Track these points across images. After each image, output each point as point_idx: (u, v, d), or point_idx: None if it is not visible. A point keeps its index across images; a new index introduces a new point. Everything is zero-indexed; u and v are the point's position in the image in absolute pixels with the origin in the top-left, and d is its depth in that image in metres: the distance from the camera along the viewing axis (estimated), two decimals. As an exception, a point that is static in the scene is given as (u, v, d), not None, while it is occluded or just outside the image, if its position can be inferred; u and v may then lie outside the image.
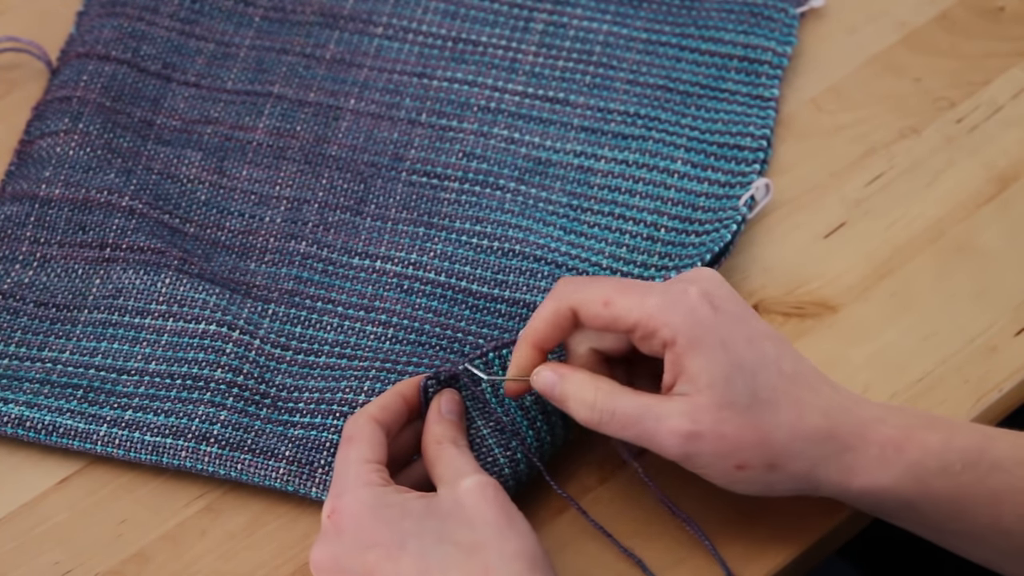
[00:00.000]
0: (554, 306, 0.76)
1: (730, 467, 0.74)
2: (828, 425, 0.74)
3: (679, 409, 0.73)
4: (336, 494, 0.74)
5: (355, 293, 0.87)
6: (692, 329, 0.74)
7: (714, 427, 0.73)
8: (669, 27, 0.97)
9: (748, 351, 0.74)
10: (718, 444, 0.73)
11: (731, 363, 0.73)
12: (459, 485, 0.73)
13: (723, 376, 0.73)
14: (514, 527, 0.72)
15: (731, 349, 0.74)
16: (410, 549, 0.71)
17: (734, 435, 0.73)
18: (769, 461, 0.74)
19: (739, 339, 0.74)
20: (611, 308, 0.75)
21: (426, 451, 0.77)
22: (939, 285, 0.87)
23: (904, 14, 0.98)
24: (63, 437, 0.81)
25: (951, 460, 0.74)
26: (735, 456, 0.73)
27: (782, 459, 0.74)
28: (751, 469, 0.74)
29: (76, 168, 0.90)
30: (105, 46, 0.95)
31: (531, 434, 0.79)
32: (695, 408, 0.73)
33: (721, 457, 0.73)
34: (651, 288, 0.75)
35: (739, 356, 0.74)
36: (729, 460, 0.73)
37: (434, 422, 0.77)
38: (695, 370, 0.73)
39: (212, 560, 0.79)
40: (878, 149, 0.93)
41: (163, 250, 0.87)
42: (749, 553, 0.79)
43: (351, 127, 0.93)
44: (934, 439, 0.74)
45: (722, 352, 0.73)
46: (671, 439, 0.73)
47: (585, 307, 0.75)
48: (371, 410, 0.77)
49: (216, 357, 0.83)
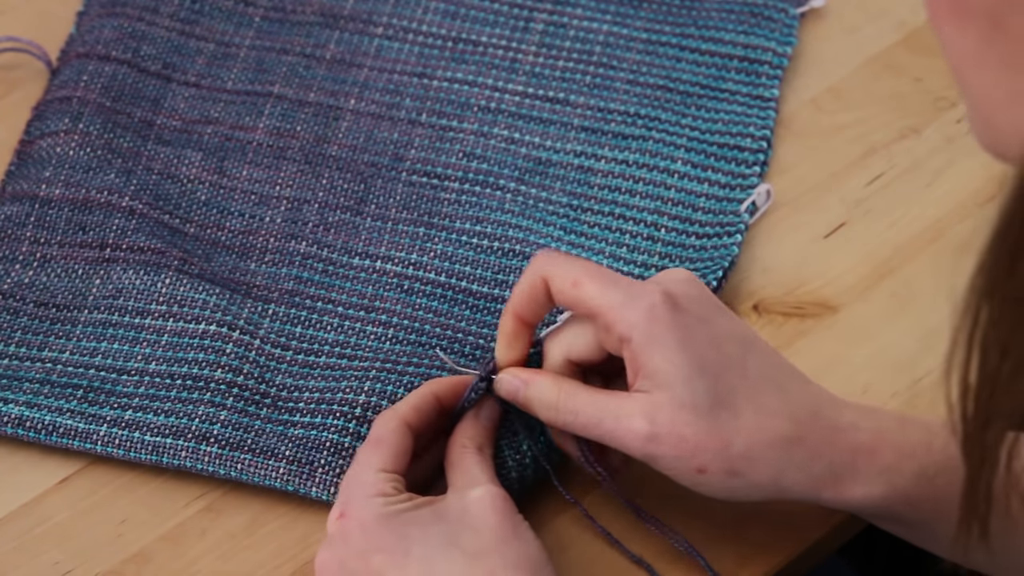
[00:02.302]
0: (530, 278, 0.76)
1: (691, 470, 0.73)
2: (795, 431, 0.73)
3: (638, 408, 0.72)
4: (345, 499, 0.74)
5: (355, 293, 0.87)
6: (649, 327, 0.72)
7: (672, 429, 0.72)
8: (669, 27, 0.97)
9: (709, 352, 0.73)
10: (677, 446, 0.72)
11: (690, 364, 0.72)
12: (468, 494, 0.73)
13: (681, 377, 0.72)
14: (519, 536, 0.72)
15: (690, 350, 0.72)
16: (415, 554, 0.71)
17: (693, 438, 0.72)
18: (729, 467, 0.72)
19: (700, 340, 0.73)
20: (577, 289, 0.74)
21: (450, 451, 0.77)
22: (939, 285, 0.87)
23: (904, 14, 0.98)
24: (63, 437, 0.81)
25: (926, 465, 0.73)
26: (695, 459, 0.72)
27: (743, 466, 0.72)
28: (712, 474, 0.72)
29: (76, 168, 0.90)
30: (105, 46, 0.95)
31: (543, 440, 0.79)
32: (653, 407, 0.72)
33: (681, 460, 0.72)
34: (619, 282, 0.74)
35: (699, 357, 0.72)
36: (689, 463, 0.72)
37: (468, 424, 0.77)
38: (652, 368, 0.72)
39: (212, 560, 0.79)
40: (878, 149, 0.93)
41: (163, 250, 0.87)
42: (748, 553, 0.79)
43: (351, 127, 0.93)
44: (908, 444, 0.73)
45: (680, 352, 0.72)
46: (631, 439, 0.73)
47: (555, 282, 0.75)
48: (404, 412, 0.76)
49: (216, 357, 0.83)
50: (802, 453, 0.73)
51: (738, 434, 0.72)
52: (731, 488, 0.73)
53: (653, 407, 0.72)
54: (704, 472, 0.72)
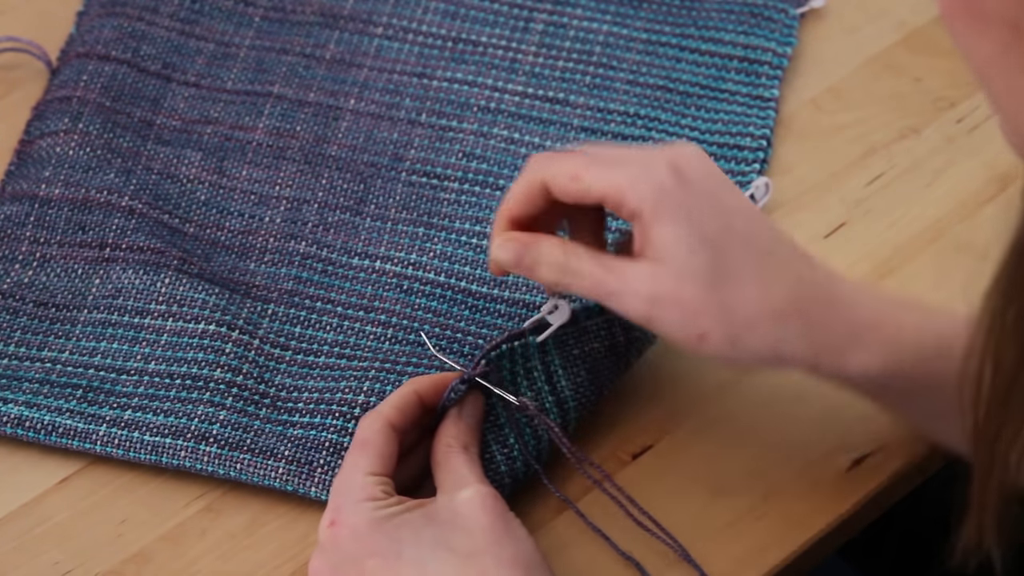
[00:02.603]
0: (526, 181, 0.76)
1: (692, 336, 0.73)
2: (797, 303, 0.73)
3: (643, 272, 0.73)
4: (336, 506, 0.74)
5: (355, 293, 0.87)
6: (657, 200, 0.73)
7: (675, 293, 0.72)
8: (669, 27, 0.97)
9: (714, 224, 0.74)
10: (678, 310, 0.73)
11: (695, 235, 0.73)
12: (458, 495, 0.73)
13: (687, 247, 0.73)
14: (511, 534, 0.72)
15: (696, 221, 0.73)
16: (407, 557, 0.71)
17: (693, 303, 0.72)
18: (730, 333, 0.73)
19: (706, 212, 0.74)
20: (579, 182, 0.75)
21: (435, 451, 0.77)
22: (939, 285, 0.87)
23: (904, 14, 0.98)
24: (63, 437, 0.81)
25: (925, 345, 0.74)
26: (695, 325, 0.73)
27: (744, 333, 0.73)
28: (712, 341, 0.73)
29: (76, 168, 0.90)
30: (105, 46, 0.95)
31: (528, 432, 0.79)
32: (658, 272, 0.73)
33: (682, 325, 0.73)
34: (623, 160, 0.75)
35: (704, 229, 0.73)
36: (690, 328, 0.73)
37: (451, 423, 0.77)
38: (659, 240, 0.73)
39: (212, 560, 0.79)
40: (878, 149, 0.93)
41: (163, 250, 0.87)
42: (748, 553, 0.79)
43: (351, 127, 0.93)
44: (909, 321, 0.74)
45: (686, 224, 0.73)
46: (633, 300, 0.73)
47: (555, 181, 0.76)
48: (387, 413, 0.76)
49: (215, 357, 0.83)
50: (803, 324, 0.73)
51: (740, 303, 0.73)
52: (731, 356, 0.74)
53: (658, 272, 0.73)
54: (705, 339, 0.73)
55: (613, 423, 0.83)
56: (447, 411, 0.78)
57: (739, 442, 0.82)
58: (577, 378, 0.80)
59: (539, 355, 0.80)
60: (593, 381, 0.81)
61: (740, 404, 0.83)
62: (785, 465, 0.81)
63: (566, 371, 0.80)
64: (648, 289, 0.73)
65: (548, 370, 0.80)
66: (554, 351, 0.80)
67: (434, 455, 0.76)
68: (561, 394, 0.80)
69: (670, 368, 0.84)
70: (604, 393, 0.82)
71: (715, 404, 0.83)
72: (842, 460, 0.81)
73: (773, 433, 0.82)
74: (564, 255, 0.75)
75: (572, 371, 0.80)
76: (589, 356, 0.81)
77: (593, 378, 0.81)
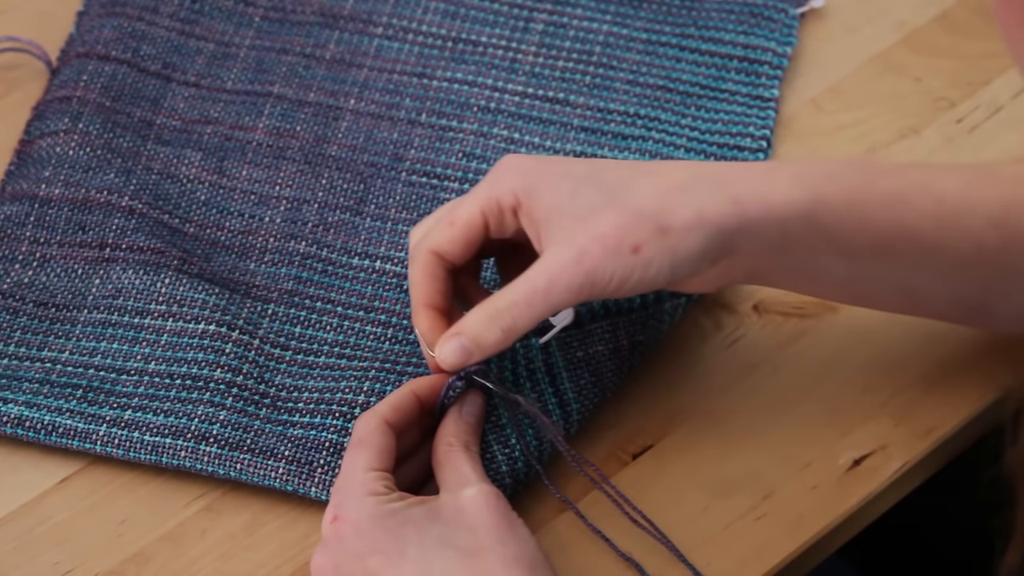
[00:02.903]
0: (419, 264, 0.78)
1: (628, 257, 0.73)
2: (695, 172, 0.75)
3: (552, 249, 0.74)
4: (338, 502, 0.73)
5: (355, 293, 0.87)
6: (525, 182, 0.75)
7: (590, 235, 0.73)
8: (669, 27, 0.97)
9: (579, 167, 0.76)
10: (599, 244, 0.73)
11: (569, 180, 0.75)
12: (462, 493, 0.73)
13: (569, 192, 0.74)
14: (515, 533, 0.72)
15: (562, 171, 0.76)
16: (411, 555, 0.71)
17: (611, 227, 0.73)
18: (655, 226, 0.73)
19: (563, 163, 0.77)
20: (455, 227, 0.77)
21: (436, 451, 0.77)
22: (939, 285, 0.87)
23: (904, 14, 0.98)
24: (63, 437, 0.81)
25: (834, 169, 0.76)
26: (624, 242, 0.73)
27: (665, 217, 0.74)
28: (647, 245, 0.73)
29: (76, 168, 0.90)
30: (105, 46, 0.95)
31: (530, 432, 0.79)
32: (563, 236, 0.74)
33: (615, 252, 0.73)
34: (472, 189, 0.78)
35: (573, 171, 0.76)
36: (623, 250, 0.73)
37: (451, 422, 0.77)
38: (545, 206, 0.75)
39: (212, 560, 0.79)
40: (878, 149, 0.93)
41: (163, 250, 0.87)
42: (748, 553, 0.79)
43: (351, 127, 0.93)
44: (808, 162, 0.77)
45: (556, 179, 0.75)
46: (566, 274, 0.74)
47: (439, 242, 0.77)
48: (383, 411, 0.76)
49: (215, 357, 0.83)
50: (712, 183, 0.75)
51: (646, 197, 0.74)
52: (674, 248, 0.74)
53: (563, 235, 0.74)
54: (640, 249, 0.73)
55: (613, 423, 0.83)
56: (447, 411, 0.78)
57: (739, 442, 0.82)
58: (581, 380, 0.80)
59: (542, 357, 0.80)
60: (597, 383, 0.81)
61: (740, 404, 0.83)
62: (785, 465, 0.81)
63: (570, 373, 0.80)
64: (568, 254, 0.73)
65: (551, 372, 0.80)
66: (558, 353, 0.80)
67: (435, 455, 0.76)
68: (564, 395, 0.80)
69: (670, 368, 0.84)
70: (607, 395, 0.82)
71: (715, 404, 0.83)
72: (842, 460, 0.81)
73: (773, 433, 0.82)
74: (485, 309, 0.75)
75: (576, 373, 0.80)
76: (593, 359, 0.81)
77: (597, 380, 0.81)
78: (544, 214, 0.75)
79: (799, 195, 0.75)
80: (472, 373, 0.77)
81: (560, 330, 0.80)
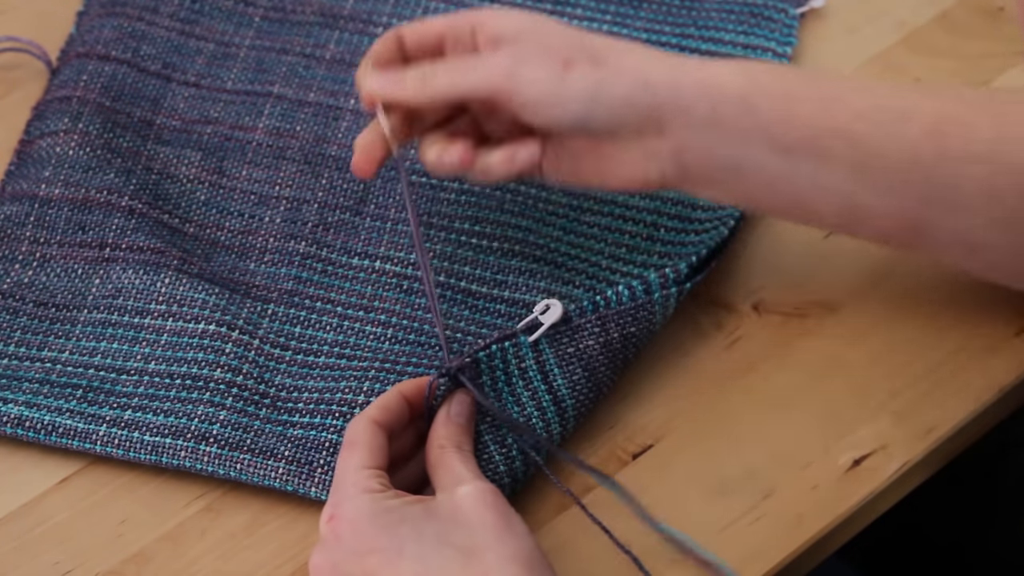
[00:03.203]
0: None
1: (556, 68, 0.77)
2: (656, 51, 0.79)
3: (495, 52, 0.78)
4: (335, 501, 0.74)
5: (354, 293, 0.87)
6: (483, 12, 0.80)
7: (529, 37, 0.78)
8: (669, 27, 0.97)
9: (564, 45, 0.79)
10: (539, 47, 0.77)
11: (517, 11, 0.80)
12: (457, 491, 0.73)
13: (517, 12, 0.80)
14: (512, 530, 0.72)
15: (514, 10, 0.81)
16: (408, 553, 0.71)
17: (553, 37, 0.78)
18: (592, 56, 0.77)
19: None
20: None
21: (429, 454, 0.77)
22: (939, 285, 0.87)
23: (904, 14, 0.98)
24: (63, 437, 0.81)
25: (777, 67, 0.80)
26: (560, 54, 0.77)
27: (604, 52, 0.78)
28: (578, 66, 0.77)
29: (76, 168, 0.90)
30: (105, 46, 0.95)
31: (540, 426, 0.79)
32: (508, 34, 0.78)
33: (545, 56, 0.77)
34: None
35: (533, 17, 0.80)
36: (554, 60, 0.77)
37: (440, 424, 0.77)
38: (496, 21, 0.79)
39: (212, 560, 0.79)
40: (878, 149, 0.93)
41: (163, 250, 0.87)
42: (748, 553, 0.79)
43: (351, 127, 0.93)
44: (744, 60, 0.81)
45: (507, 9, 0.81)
46: (496, 58, 0.78)
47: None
48: (372, 413, 0.76)
49: (215, 357, 0.83)
50: (658, 53, 0.79)
51: (594, 37, 0.79)
52: (600, 81, 0.77)
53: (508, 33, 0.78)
54: (571, 65, 0.77)
55: (613, 423, 0.83)
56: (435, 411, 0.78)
57: (739, 442, 0.82)
58: (573, 376, 0.80)
59: (533, 355, 0.80)
60: (590, 379, 0.81)
61: (740, 404, 0.83)
62: (785, 465, 0.81)
63: (562, 370, 0.80)
64: (510, 47, 0.78)
65: (543, 369, 0.80)
66: (548, 350, 0.80)
67: (428, 458, 0.77)
68: (558, 392, 0.80)
69: (670, 368, 0.85)
70: (603, 392, 0.82)
71: (715, 404, 0.83)
72: (842, 460, 0.81)
73: (773, 433, 0.82)
74: (419, 71, 0.80)
75: (568, 369, 0.80)
76: (584, 354, 0.81)
77: (590, 375, 0.81)
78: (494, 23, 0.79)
79: (736, 78, 0.77)
80: (456, 369, 0.78)
81: (549, 327, 0.80)
